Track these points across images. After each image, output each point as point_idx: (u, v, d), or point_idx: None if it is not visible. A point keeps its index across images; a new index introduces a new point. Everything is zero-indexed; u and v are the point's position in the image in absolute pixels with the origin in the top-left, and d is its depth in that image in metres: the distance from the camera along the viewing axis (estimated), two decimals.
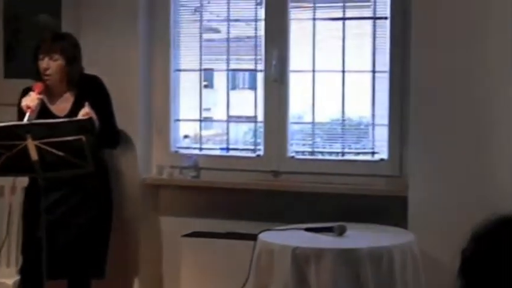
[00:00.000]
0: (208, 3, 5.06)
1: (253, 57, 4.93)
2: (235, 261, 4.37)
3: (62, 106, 4.46)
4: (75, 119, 4.19)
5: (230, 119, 5.06)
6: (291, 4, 4.82)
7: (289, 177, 4.80)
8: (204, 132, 5.17)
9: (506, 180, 4.16)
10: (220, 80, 5.15)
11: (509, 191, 4.11)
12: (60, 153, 3.85)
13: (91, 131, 3.99)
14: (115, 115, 4.57)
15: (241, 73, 5.17)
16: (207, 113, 5.21)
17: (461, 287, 1.40)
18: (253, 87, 5.02)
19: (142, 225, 4.96)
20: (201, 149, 5.07)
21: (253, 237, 4.10)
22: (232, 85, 5.15)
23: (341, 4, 4.76)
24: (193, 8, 5.07)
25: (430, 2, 4.32)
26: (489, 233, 1.40)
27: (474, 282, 1.37)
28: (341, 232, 4.04)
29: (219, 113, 5.14)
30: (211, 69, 5.18)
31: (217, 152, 5.06)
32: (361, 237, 4.06)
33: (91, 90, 4.47)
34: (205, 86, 5.15)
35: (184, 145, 5.11)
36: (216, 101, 5.21)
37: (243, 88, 5.20)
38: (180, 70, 5.07)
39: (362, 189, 4.58)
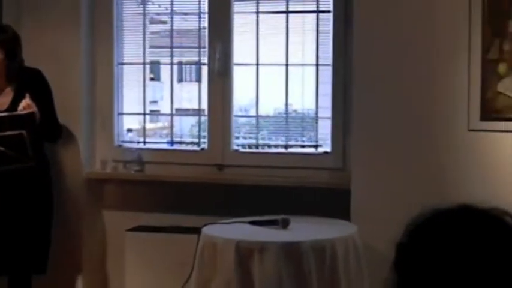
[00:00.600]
0: None
1: (197, 50, 4.89)
2: (179, 255, 4.36)
3: (1, 101, 4.38)
4: (15, 113, 4.12)
5: (175, 112, 5.03)
6: None
7: (233, 171, 4.79)
8: (151, 126, 5.13)
9: (448, 173, 4.20)
10: (167, 72, 5.11)
11: (451, 184, 4.15)
12: (1, 148, 3.79)
13: (32, 125, 3.93)
14: (56, 109, 4.49)
15: (188, 66, 5.14)
16: (154, 106, 5.17)
17: (396, 280, 1.39)
18: (199, 80, 4.98)
19: (86, 220, 4.91)
20: (145, 142, 5.03)
21: (197, 231, 4.07)
22: (179, 78, 5.11)
23: None
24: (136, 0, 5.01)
25: (369, 14, 4.32)
26: (423, 226, 1.39)
27: (408, 275, 1.37)
28: (285, 225, 4.03)
29: (166, 106, 5.10)
30: (156, 63, 5.14)
31: (162, 146, 5.03)
32: (304, 229, 4.06)
33: (32, 83, 4.39)
34: (152, 79, 5.11)
35: (128, 139, 5.06)
36: (163, 94, 5.17)
37: (190, 81, 5.16)
38: (123, 64, 5.01)
39: (306, 182, 4.59)
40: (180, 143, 5.02)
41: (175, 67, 5.02)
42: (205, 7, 4.84)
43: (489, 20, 4.14)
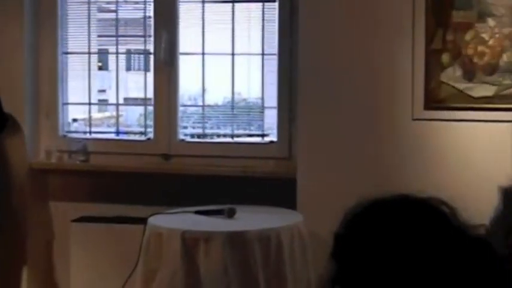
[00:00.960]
0: None
1: (143, 39, 4.85)
2: (125, 246, 4.32)
3: None
4: None
5: (123, 101, 4.99)
6: None
7: (179, 161, 4.77)
8: (98, 115, 5.07)
9: (392, 162, 4.23)
10: (115, 61, 5.05)
11: (396, 173, 4.19)
12: None
13: None
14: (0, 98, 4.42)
15: (136, 55, 5.10)
16: (102, 95, 5.11)
17: (334, 270, 1.39)
18: (146, 69, 4.94)
19: (30, 211, 4.83)
20: (90, 132, 4.98)
21: (143, 222, 4.05)
22: (127, 67, 5.06)
23: None
24: None
25: (314, 2, 4.34)
26: (360, 216, 1.40)
27: (346, 265, 1.37)
28: (231, 215, 4.03)
29: (114, 96, 5.04)
30: (104, 51, 5.08)
31: (107, 136, 4.98)
32: (250, 219, 4.06)
33: None
34: (100, 68, 5.05)
35: (73, 129, 5.00)
36: (112, 83, 5.11)
37: (139, 70, 5.12)
38: (68, 53, 4.94)
39: (252, 171, 4.58)
40: (127, 133, 4.98)
41: (124, 56, 4.98)
42: None
43: (433, 10, 4.18)
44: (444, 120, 4.18)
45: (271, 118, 4.74)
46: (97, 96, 5.03)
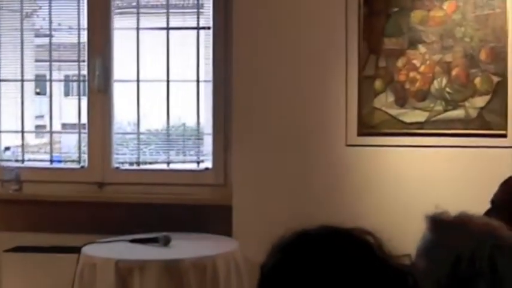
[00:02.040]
0: (34, 11, 4.88)
1: (77, 65, 4.80)
2: (59, 276, 4.25)
3: None
4: None
5: (59, 127, 4.92)
6: (115, 11, 4.73)
7: (114, 189, 4.71)
8: (36, 141, 4.99)
9: (326, 187, 4.25)
10: (54, 86, 4.98)
11: (331, 198, 4.20)
12: None
13: None
14: None
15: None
16: (40, 120, 5.03)
17: None
18: (80, 95, 4.87)
19: None
20: (23, 161, 4.89)
21: (77, 251, 3.99)
22: (66, 91, 5.00)
23: (165, 13, 4.72)
24: (14, 13, 4.87)
25: (251, 14, 4.34)
26: (285, 249, 1.39)
27: None
28: (166, 243, 4.00)
29: (53, 121, 4.95)
30: (42, 77, 4.99)
31: (41, 164, 4.90)
32: (185, 247, 4.03)
33: None
34: (38, 93, 4.98)
35: (6, 157, 4.91)
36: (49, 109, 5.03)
37: (77, 96, 5.04)
38: (0, 80, 4.86)
39: (188, 198, 4.56)
40: (60, 161, 4.91)
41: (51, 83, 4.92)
42: (84, 23, 4.75)
43: (365, 37, 4.23)
44: (377, 146, 4.22)
45: (205, 145, 4.72)
46: (35, 122, 4.95)
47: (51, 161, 4.88)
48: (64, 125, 4.95)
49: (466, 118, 4.16)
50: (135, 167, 4.79)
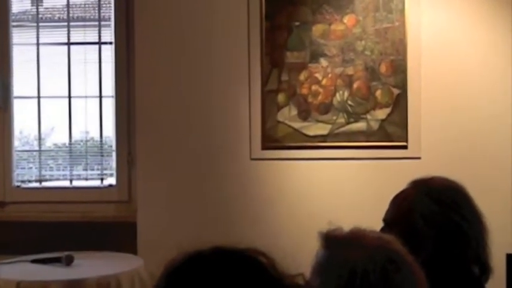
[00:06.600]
0: None
1: None
2: None
3: None
4: None
5: None
6: (13, 28, 4.64)
7: (15, 208, 4.61)
8: None
9: (231, 202, 4.25)
10: None
11: (234, 214, 4.21)
12: None
13: None
14: None
15: None
16: None
17: None
18: None
19: None
20: None
21: None
22: None
23: (65, 29, 4.65)
24: None
25: (154, 28, 4.32)
26: (178, 270, 1.38)
27: None
28: (68, 262, 3.92)
29: None
30: None
31: None
32: (89, 266, 3.96)
33: None
34: None
35: None
36: None
37: None
38: None
39: (91, 216, 4.49)
40: None
41: None
42: None
43: (267, 51, 4.26)
44: (281, 159, 4.24)
45: (109, 162, 4.66)
46: None
47: None
48: None
49: (368, 130, 4.23)
50: (37, 184, 4.70)
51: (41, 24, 4.67)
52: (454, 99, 4.17)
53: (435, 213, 2.20)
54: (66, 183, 4.69)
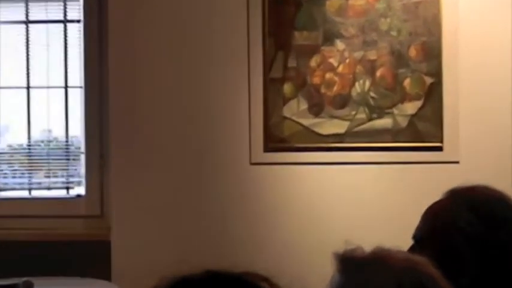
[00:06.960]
0: None
1: None
2: None
3: None
4: None
5: None
6: None
7: None
8: None
9: (227, 214, 4.26)
10: None
11: (228, 233, 4.22)
12: None
13: None
14: None
15: None
16: None
17: None
18: None
19: None
20: None
21: None
22: None
23: (23, 3, 4.65)
24: None
25: (132, 4, 4.33)
26: None
27: None
28: None
29: None
30: None
31: None
32: None
33: None
34: None
35: None
36: None
37: None
38: None
39: (55, 234, 4.50)
40: None
41: None
42: None
43: (271, 31, 4.26)
44: (287, 164, 4.25)
45: (76, 167, 4.67)
46: None
47: None
48: None
49: (394, 128, 4.23)
50: None
51: None
52: (499, 88, 4.17)
53: (478, 231, 2.19)
54: (23, 194, 4.70)
